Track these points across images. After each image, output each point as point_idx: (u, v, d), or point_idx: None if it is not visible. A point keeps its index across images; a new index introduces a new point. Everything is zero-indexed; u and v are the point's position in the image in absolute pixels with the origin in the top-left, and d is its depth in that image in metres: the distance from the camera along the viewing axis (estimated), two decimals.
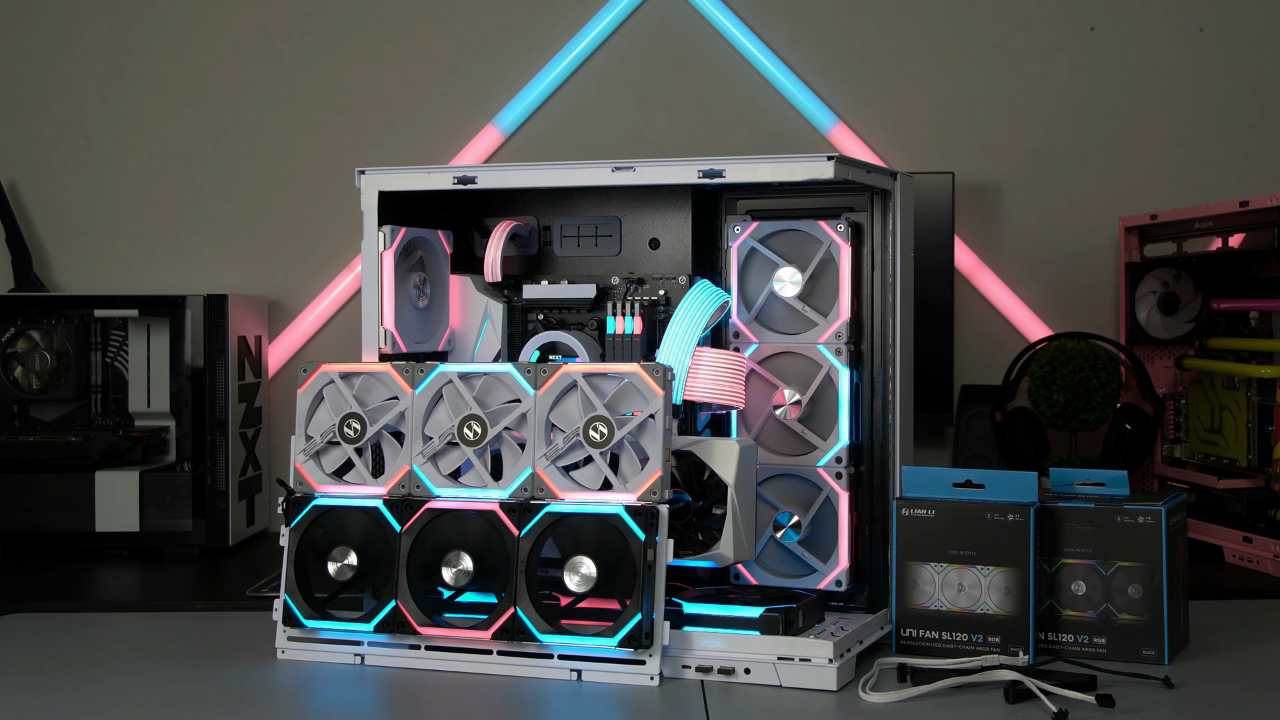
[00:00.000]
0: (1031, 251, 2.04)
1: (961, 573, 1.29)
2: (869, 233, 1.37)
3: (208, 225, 2.11)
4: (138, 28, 2.12)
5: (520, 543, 1.25)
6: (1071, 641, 1.29)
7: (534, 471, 1.27)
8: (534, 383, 1.28)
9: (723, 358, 1.35)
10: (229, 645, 1.36)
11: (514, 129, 2.06)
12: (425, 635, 1.27)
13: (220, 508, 1.86)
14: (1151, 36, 2.05)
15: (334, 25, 2.10)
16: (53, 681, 1.23)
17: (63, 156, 2.13)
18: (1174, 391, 1.88)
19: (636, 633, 1.20)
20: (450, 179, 1.37)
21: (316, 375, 1.35)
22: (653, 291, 1.45)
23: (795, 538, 1.36)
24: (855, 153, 2.01)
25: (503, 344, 1.49)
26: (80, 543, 1.84)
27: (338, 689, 1.23)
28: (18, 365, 1.91)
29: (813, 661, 1.20)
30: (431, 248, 1.47)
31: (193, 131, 2.11)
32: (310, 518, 1.32)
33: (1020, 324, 2.03)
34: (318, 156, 2.09)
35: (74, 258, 2.12)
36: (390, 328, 1.40)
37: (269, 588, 1.58)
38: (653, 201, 1.45)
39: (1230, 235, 1.75)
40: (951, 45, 2.05)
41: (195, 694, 1.20)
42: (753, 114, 2.05)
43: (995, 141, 2.05)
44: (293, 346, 2.08)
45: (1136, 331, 1.90)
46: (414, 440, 1.31)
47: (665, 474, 1.24)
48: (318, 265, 2.08)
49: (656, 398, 1.24)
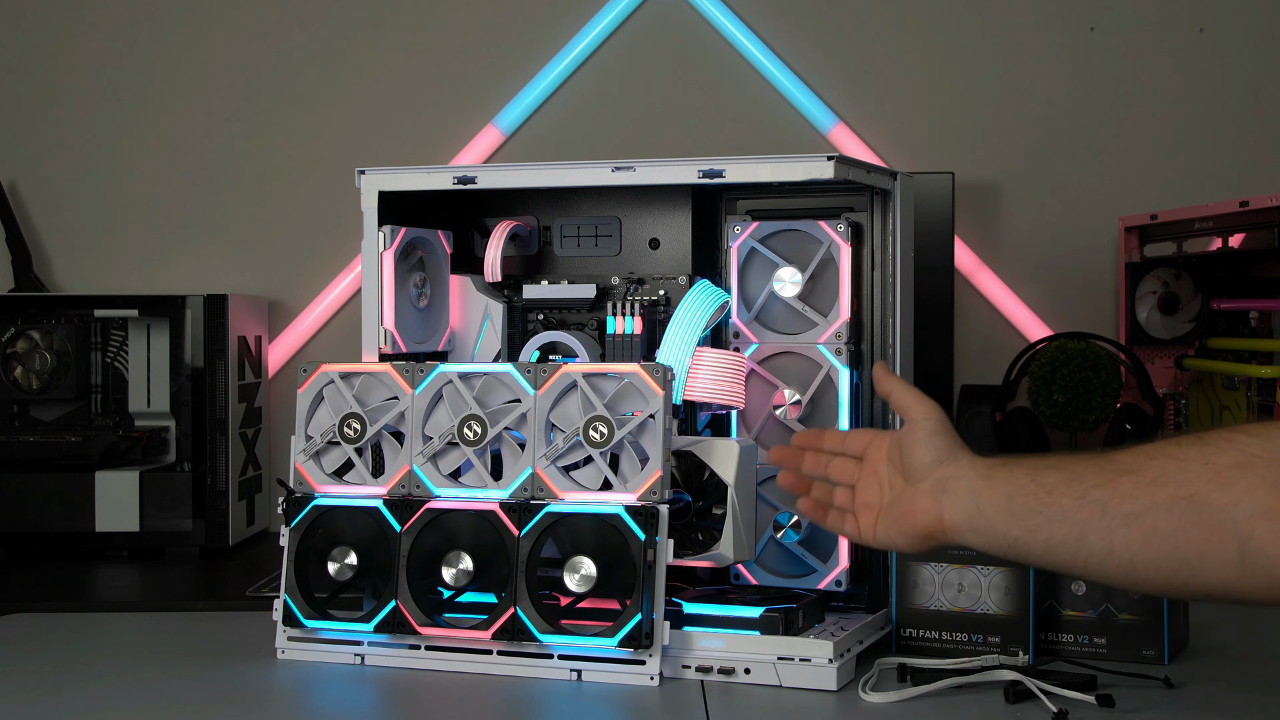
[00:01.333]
0: (1031, 251, 2.04)
1: (961, 573, 1.29)
2: (869, 233, 1.37)
3: (208, 225, 2.11)
4: (138, 28, 2.11)
5: (520, 543, 1.25)
6: (1071, 641, 1.29)
7: (534, 471, 1.27)
8: (534, 383, 1.28)
9: (723, 358, 1.35)
10: (229, 645, 1.36)
11: (514, 129, 2.06)
12: (425, 635, 1.27)
13: (220, 508, 1.86)
14: (1151, 36, 2.05)
15: (334, 25, 2.10)
16: (53, 681, 1.24)
17: (63, 156, 2.13)
18: (1174, 391, 1.88)
19: (636, 633, 1.20)
20: (450, 179, 1.37)
21: (316, 375, 1.35)
22: (653, 291, 1.45)
23: (795, 538, 1.36)
24: (855, 153, 2.01)
25: (503, 344, 1.49)
26: (80, 543, 1.84)
27: (338, 689, 1.23)
28: (18, 365, 1.91)
29: (813, 661, 1.20)
30: (431, 248, 1.47)
31: (193, 131, 2.11)
32: (310, 518, 1.32)
33: (1020, 324, 2.03)
34: (318, 156, 2.09)
35: (74, 258, 2.12)
36: (390, 328, 1.40)
37: (269, 588, 1.58)
38: (653, 201, 1.45)
39: (1230, 235, 1.75)
40: (951, 45, 2.05)
41: (195, 694, 1.20)
42: (753, 114, 2.05)
43: (995, 141, 2.05)
44: (293, 346, 2.08)
45: (1136, 331, 1.90)
46: (414, 440, 1.31)
47: (665, 474, 1.24)
48: (318, 265, 2.08)
49: (656, 398, 1.24)
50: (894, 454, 1.13)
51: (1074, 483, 0.99)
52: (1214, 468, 0.92)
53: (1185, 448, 0.95)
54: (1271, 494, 0.89)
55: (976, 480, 1.06)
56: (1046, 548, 1.00)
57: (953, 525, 1.06)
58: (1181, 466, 0.94)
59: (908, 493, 1.10)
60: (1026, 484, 1.02)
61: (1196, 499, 0.92)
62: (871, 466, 1.16)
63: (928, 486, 1.08)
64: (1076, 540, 0.98)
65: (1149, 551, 0.94)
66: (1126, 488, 0.96)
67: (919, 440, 1.10)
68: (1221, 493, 0.91)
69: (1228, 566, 0.91)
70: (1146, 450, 0.97)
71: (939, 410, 1.12)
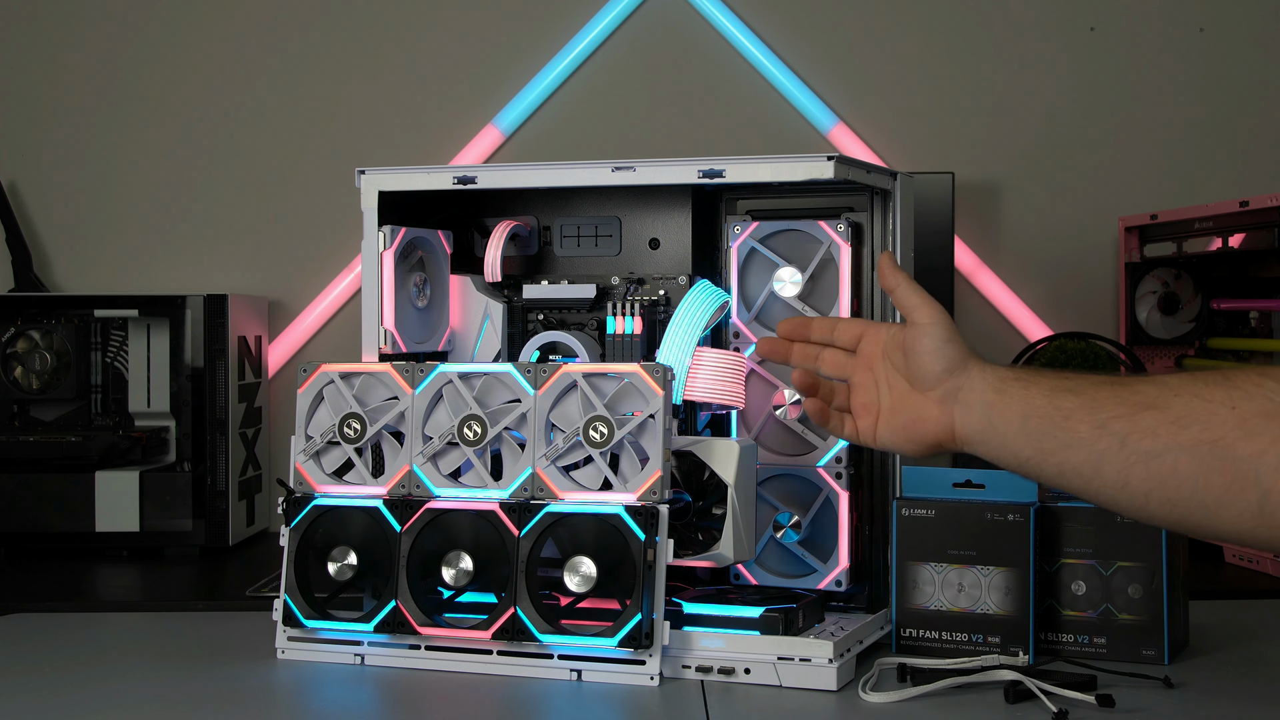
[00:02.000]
0: (1031, 251, 2.04)
1: (961, 573, 1.29)
2: (869, 233, 1.37)
3: (208, 225, 2.11)
4: (138, 28, 2.11)
5: (520, 543, 1.25)
6: (1071, 641, 1.29)
7: (534, 471, 1.27)
8: (534, 383, 1.28)
9: (723, 358, 1.35)
10: (229, 645, 1.36)
11: (514, 129, 2.06)
12: (425, 635, 1.27)
13: (220, 508, 1.86)
14: (1151, 36, 2.05)
15: (334, 25, 2.10)
16: (53, 681, 1.23)
17: (63, 156, 2.13)
18: None
19: (636, 633, 1.20)
20: (450, 179, 1.37)
21: (316, 375, 1.35)
22: (653, 291, 1.45)
23: (795, 538, 1.36)
24: (855, 153, 2.01)
25: (503, 344, 1.49)
26: (80, 543, 1.84)
27: (338, 689, 1.23)
28: (18, 365, 1.91)
29: (813, 661, 1.20)
30: (431, 248, 1.47)
31: (193, 131, 2.11)
32: (310, 518, 1.32)
33: (1020, 324, 2.03)
34: (318, 156, 2.09)
35: (74, 258, 2.12)
36: (390, 328, 1.40)
37: (269, 588, 1.58)
38: (653, 201, 1.45)
39: (1230, 235, 1.75)
40: (951, 45, 2.05)
41: (195, 694, 1.20)
42: (753, 114, 2.05)
43: (995, 141, 2.05)
44: (293, 346, 2.08)
45: (1136, 331, 1.90)
46: (414, 440, 1.31)
47: (665, 474, 1.24)
48: (318, 265, 2.08)
49: (656, 398, 1.24)
50: (894, 353, 1.10)
51: (1094, 410, 0.97)
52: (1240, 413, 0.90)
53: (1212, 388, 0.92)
54: None
55: (990, 394, 1.03)
56: (1059, 471, 0.99)
57: (964, 437, 1.04)
58: (1207, 408, 0.91)
59: (913, 400, 1.07)
60: (1043, 405, 0.99)
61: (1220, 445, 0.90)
62: (866, 361, 1.12)
63: (938, 395, 1.05)
64: (1092, 469, 0.96)
65: (1166, 492, 0.93)
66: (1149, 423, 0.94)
67: (927, 349, 1.07)
68: (1247, 441, 0.89)
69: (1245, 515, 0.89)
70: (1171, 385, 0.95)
71: (946, 315, 1.08)
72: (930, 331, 1.07)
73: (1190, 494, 0.92)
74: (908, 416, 1.08)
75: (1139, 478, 0.94)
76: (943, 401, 1.06)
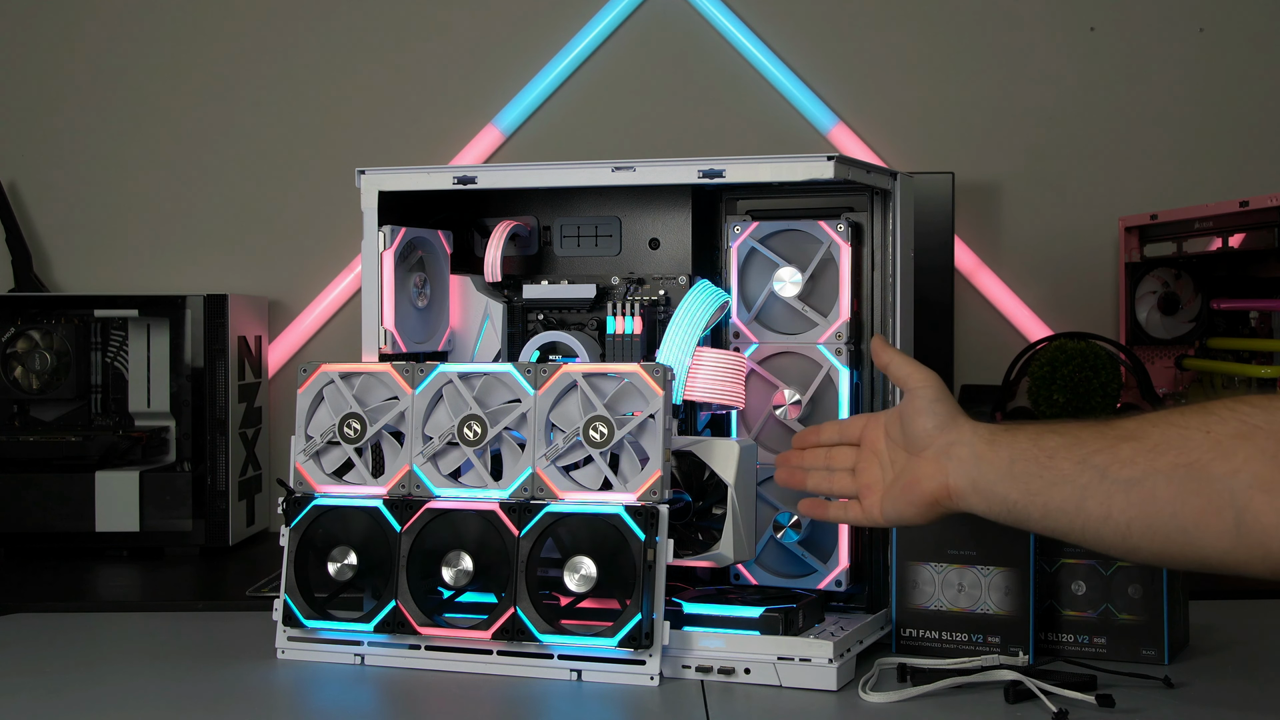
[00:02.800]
0: (1031, 251, 2.04)
1: (961, 573, 1.29)
2: (869, 233, 1.37)
3: (208, 225, 2.11)
4: (138, 28, 2.12)
5: (520, 543, 1.25)
6: (1071, 641, 1.29)
7: (534, 471, 1.27)
8: (534, 383, 1.28)
9: (723, 358, 1.35)
10: (229, 645, 1.36)
11: (514, 129, 2.06)
12: (425, 635, 1.27)
13: (220, 508, 1.86)
14: (1151, 36, 2.05)
15: (334, 25, 2.10)
16: (53, 681, 1.23)
17: (63, 156, 2.13)
18: (1174, 391, 1.88)
19: (636, 633, 1.20)
20: (450, 179, 1.37)
21: (316, 375, 1.35)
22: (653, 291, 1.45)
23: (795, 538, 1.36)
24: (855, 153, 2.01)
25: (503, 344, 1.49)
26: (80, 543, 1.84)
27: (338, 689, 1.23)
28: (18, 365, 1.91)
29: (813, 661, 1.20)
30: (431, 248, 1.47)
31: (193, 131, 2.11)
32: (310, 518, 1.32)
33: (1020, 324, 2.03)
34: (318, 156, 2.09)
35: (74, 258, 2.12)
36: (390, 328, 1.40)
37: (269, 588, 1.58)
38: (653, 201, 1.45)
39: (1230, 235, 1.75)
40: (951, 45, 2.05)
41: (195, 694, 1.20)
42: (753, 114, 2.05)
43: (995, 141, 2.05)
44: (293, 346, 2.08)
45: (1136, 331, 1.90)
46: (414, 440, 1.31)
47: (665, 474, 1.24)
48: (318, 265, 2.08)
49: (656, 398, 1.24)
50: (893, 428, 1.14)
51: (1075, 447, 1.00)
52: (1215, 437, 0.92)
53: (1188, 416, 0.95)
54: (1270, 466, 0.89)
55: (979, 445, 1.06)
56: (1045, 512, 1.01)
57: (957, 490, 1.07)
58: (1183, 434, 0.94)
59: (911, 463, 1.11)
60: (1028, 447, 1.03)
61: (1196, 467, 0.92)
62: (870, 447, 1.16)
63: (931, 454, 1.09)
64: (1075, 505, 0.99)
65: (1147, 519, 0.95)
66: (1127, 453, 0.96)
67: (919, 409, 1.11)
68: (1221, 462, 0.91)
69: (1223, 536, 0.91)
70: (1149, 418, 0.98)
71: (937, 378, 1.12)
72: (921, 393, 1.12)
73: (1169, 518, 0.94)
74: (905, 480, 1.12)
75: (1120, 507, 0.96)
76: (937, 459, 1.09)
